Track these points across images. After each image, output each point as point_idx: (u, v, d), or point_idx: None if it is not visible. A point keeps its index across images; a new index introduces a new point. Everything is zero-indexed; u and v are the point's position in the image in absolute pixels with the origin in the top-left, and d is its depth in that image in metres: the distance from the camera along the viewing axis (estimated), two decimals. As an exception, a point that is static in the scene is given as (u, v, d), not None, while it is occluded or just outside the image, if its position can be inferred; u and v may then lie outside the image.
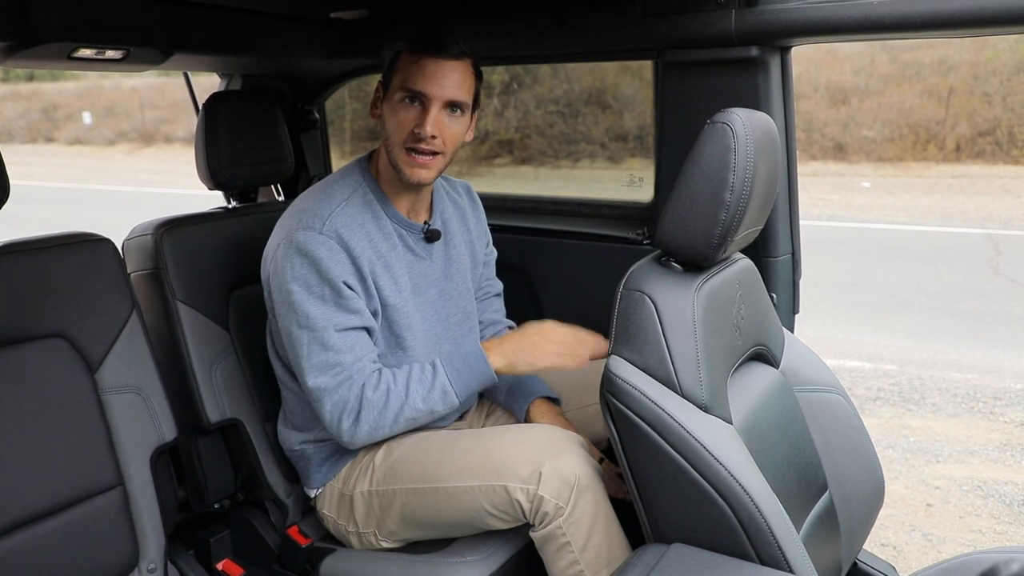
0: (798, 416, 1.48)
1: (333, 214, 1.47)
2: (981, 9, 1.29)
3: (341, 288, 1.43)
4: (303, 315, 1.43)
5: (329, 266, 1.42)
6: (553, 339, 1.49)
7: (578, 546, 1.36)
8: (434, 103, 1.44)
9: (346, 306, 1.45)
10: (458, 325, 1.68)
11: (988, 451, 3.28)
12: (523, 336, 1.51)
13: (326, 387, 1.44)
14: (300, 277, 1.43)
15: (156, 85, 18.07)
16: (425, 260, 1.61)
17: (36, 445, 1.32)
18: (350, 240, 1.46)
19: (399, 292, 1.54)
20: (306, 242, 1.43)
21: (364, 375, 1.45)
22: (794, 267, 1.76)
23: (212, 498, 1.80)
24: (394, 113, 1.46)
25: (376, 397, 1.44)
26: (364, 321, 1.47)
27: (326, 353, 1.43)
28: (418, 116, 1.44)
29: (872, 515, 1.60)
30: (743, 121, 1.22)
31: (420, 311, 1.59)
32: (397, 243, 1.56)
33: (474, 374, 1.48)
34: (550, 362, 1.48)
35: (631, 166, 2.57)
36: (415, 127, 1.44)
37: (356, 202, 1.52)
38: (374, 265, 1.49)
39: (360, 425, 1.45)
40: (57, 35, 1.41)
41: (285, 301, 1.45)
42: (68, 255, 1.43)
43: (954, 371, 4.15)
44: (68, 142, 18.35)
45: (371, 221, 1.52)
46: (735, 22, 1.53)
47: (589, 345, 1.48)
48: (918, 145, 10.77)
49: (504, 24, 1.85)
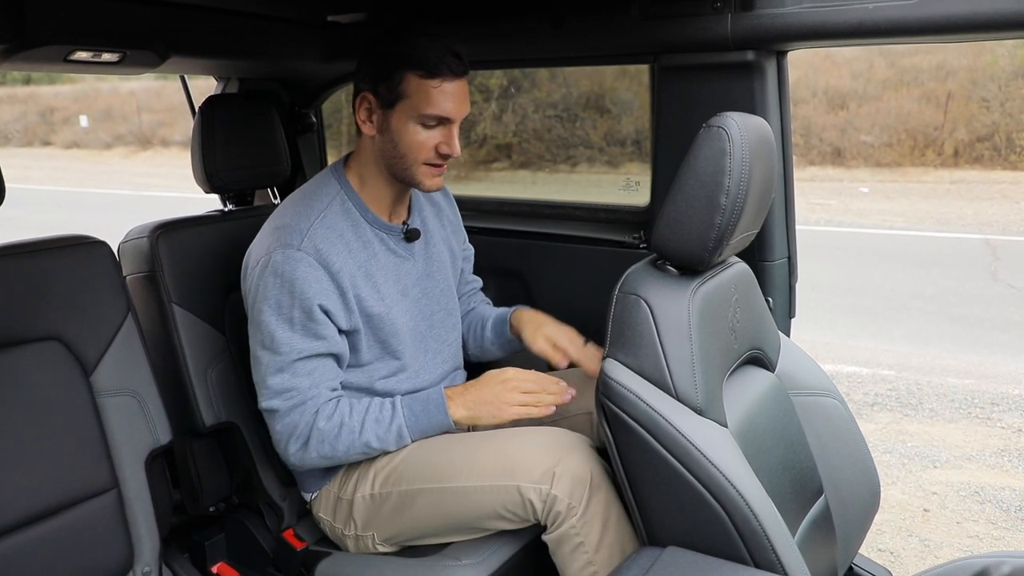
0: (794, 420, 1.48)
1: (311, 228, 1.47)
2: (977, 14, 1.30)
3: (313, 311, 1.44)
4: (268, 336, 1.45)
5: (304, 287, 1.43)
6: (517, 388, 1.47)
7: (592, 546, 1.36)
8: (455, 123, 1.47)
9: (314, 331, 1.45)
10: (441, 322, 1.68)
11: (986, 456, 3.28)
12: (486, 386, 1.49)
13: (277, 410, 1.46)
14: (272, 297, 1.44)
15: (153, 89, 18.07)
16: (408, 260, 1.61)
17: (31, 448, 1.31)
18: (329, 254, 1.46)
19: (382, 300, 1.54)
20: (283, 262, 1.43)
21: (319, 402, 1.46)
22: (790, 271, 1.76)
23: (207, 501, 1.80)
24: (411, 134, 1.45)
25: (328, 427, 1.45)
26: (331, 347, 1.47)
27: (282, 376, 1.45)
28: (441, 136, 1.46)
29: (868, 519, 1.60)
30: (739, 125, 1.23)
31: (406, 313, 1.59)
32: (378, 248, 1.56)
33: (432, 423, 1.48)
34: (515, 413, 1.46)
35: (628, 170, 2.57)
36: (438, 147, 1.46)
37: (335, 211, 1.51)
38: (355, 278, 1.49)
39: (308, 451, 1.47)
40: (54, 38, 1.41)
41: (255, 319, 1.47)
42: (64, 258, 1.43)
43: (952, 376, 4.15)
44: (65, 145, 18.34)
45: (350, 231, 1.52)
46: (731, 26, 1.53)
47: (554, 392, 1.48)
48: (916, 150, 10.79)
49: (502, 28, 1.85)
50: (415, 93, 1.43)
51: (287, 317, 1.44)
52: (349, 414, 1.47)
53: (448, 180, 1.80)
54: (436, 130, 1.46)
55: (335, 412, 1.46)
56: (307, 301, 1.43)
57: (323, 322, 1.45)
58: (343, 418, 1.46)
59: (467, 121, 1.56)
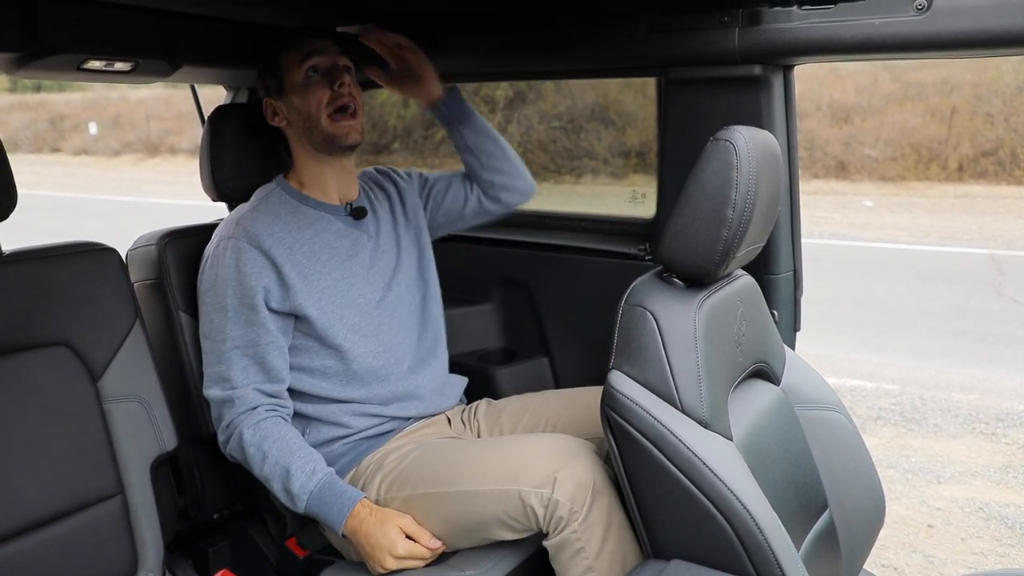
0: (798, 434, 1.48)
1: (244, 216, 1.57)
2: (984, 30, 1.30)
3: (246, 295, 1.51)
4: (207, 323, 1.56)
5: (236, 271, 1.51)
6: (394, 558, 1.43)
7: (592, 552, 1.35)
8: (338, 69, 1.60)
9: (247, 318, 1.52)
10: (404, 296, 1.71)
11: (990, 472, 3.27)
12: (384, 536, 1.43)
13: (215, 398, 1.55)
14: (208, 287, 1.55)
15: (162, 97, 18.17)
16: (361, 237, 1.67)
17: (38, 452, 1.32)
18: (260, 234, 1.53)
19: (328, 274, 1.59)
20: (216, 252, 1.55)
21: (247, 402, 1.52)
22: (796, 284, 1.76)
23: (211, 508, 1.80)
24: (305, 98, 1.59)
25: (251, 438, 1.50)
26: (265, 337, 1.52)
27: (220, 366, 1.55)
28: (330, 83, 1.59)
29: (873, 534, 1.59)
30: (745, 139, 1.23)
31: (367, 285, 1.64)
32: (323, 227, 1.62)
33: (328, 513, 1.46)
34: (380, 569, 1.44)
35: (633, 182, 2.57)
36: (332, 91, 1.58)
37: (270, 201, 1.63)
38: (294, 253, 1.56)
39: (229, 445, 1.55)
40: (67, 47, 1.43)
41: (199, 310, 1.59)
42: (73, 264, 1.44)
43: (956, 391, 4.13)
44: (74, 152, 18.43)
45: (289, 213, 1.61)
46: (738, 40, 1.54)
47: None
48: (920, 164, 10.79)
49: (509, 40, 1.86)
50: (292, 66, 1.60)
51: (221, 304, 1.53)
52: (272, 444, 1.49)
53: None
54: (324, 82, 1.59)
55: (257, 430, 1.50)
56: (241, 286, 1.51)
57: (257, 308, 1.51)
58: (261, 442, 1.49)
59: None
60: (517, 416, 1.71)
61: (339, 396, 1.60)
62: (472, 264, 1.95)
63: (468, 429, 1.74)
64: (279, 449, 1.49)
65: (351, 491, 1.48)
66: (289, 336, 1.57)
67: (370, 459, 1.59)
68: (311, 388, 1.60)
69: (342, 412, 1.61)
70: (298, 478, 1.47)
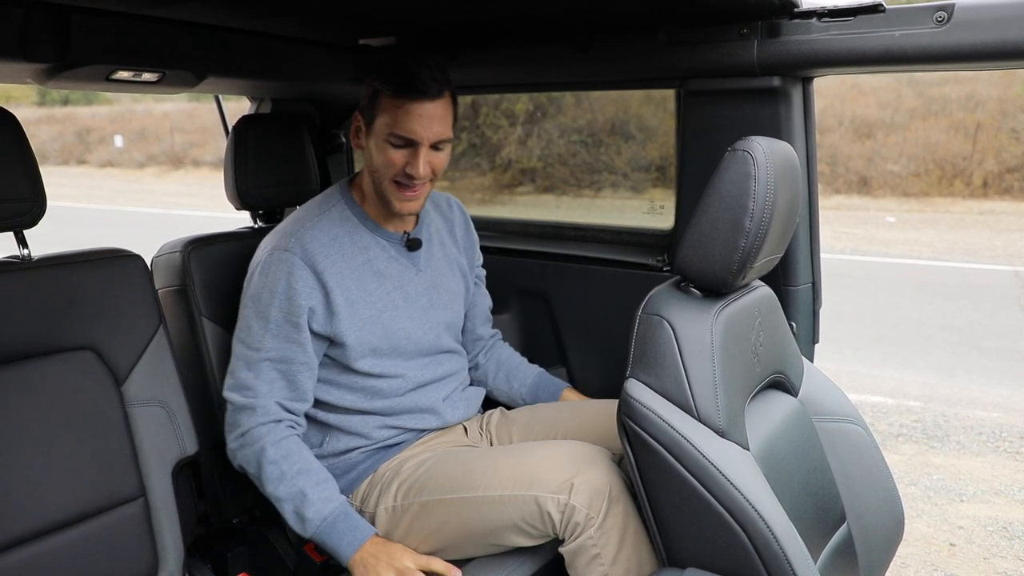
0: (816, 445, 1.47)
1: (303, 231, 1.54)
2: (1005, 42, 1.29)
3: (292, 311, 1.49)
4: (245, 328, 1.53)
5: (286, 286, 1.50)
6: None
7: (608, 559, 1.35)
8: (423, 145, 1.48)
9: (287, 335, 1.50)
10: (446, 333, 1.71)
11: (1014, 491, 3.22)
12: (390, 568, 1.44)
13: (233, 403, 1.54)
14: (256, 293, 1.53)
15: (186, 110, 18.44)
16: (410, 269, 1.65)
17: (62, 455, 1.34)
18: (316, 254, 1.51)
19: (373, 304, 1.57)
20: (272, 262, 1.52)
21: (270, 414, 1.51)
22: (814, 296, 1.75)
23: (230, 513, 1.82)
24: (381, 151, 1.50)
25: (273, 455, 1.49)
26: (299, 355, 1.52)
27: (248, 373, 1.52)
28: (408, 156, 1.49)
29: (891, 549, 1.58)
30: (764, 149, 1.23)
31: (409, 319, 1.63)
32: (377, 253, 1.60)
33: (339, 544, 1.46)
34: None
35: (651, 196, 2.58)
36: (405, 167, 1.49)
37: (331, 217, 1.58)
38: (344, 278, 1.54)
39: (240, 453, 1.53)
40: (97, 57, 1.46)
41: (240, 313, 1.56)
42: (99, 270, 1.46)
43: (979, 409, 4.08)
44: (99, 164, 18.74)
45: (345, 235, 1.57)
46: (758, 52, 1.55)
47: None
48: (944, 180, 10.70)
49: (529, 52, 1.88)
50: (385, 112, 1.48)
51: (263, 315, 1.51)
52: (290, 464, 1.49)
53: (472, 203, 1.82)
54: (403, 150, 1.49)
55: (280, 447, 1.50)
56: (289, 301, 1.49)
57: (300, 327, 1.50)
58: (280, 461, 1.49)
59: (492, 146, 1.58)
60: (529, 427, 1.72)
61: (363, 408, 1.61)
62: (491, 274, 1.96)
63: (483, 438, 1.75)
64: (298, 471, 1.49)
65: (364, 525, 1.49)
66: (320, 356, 1.57)
67: (387, 466, 1.60)
68: (336, 399, 1.60)
69: (364, 424, 1.62)
70: (313, 503, 1.47)
